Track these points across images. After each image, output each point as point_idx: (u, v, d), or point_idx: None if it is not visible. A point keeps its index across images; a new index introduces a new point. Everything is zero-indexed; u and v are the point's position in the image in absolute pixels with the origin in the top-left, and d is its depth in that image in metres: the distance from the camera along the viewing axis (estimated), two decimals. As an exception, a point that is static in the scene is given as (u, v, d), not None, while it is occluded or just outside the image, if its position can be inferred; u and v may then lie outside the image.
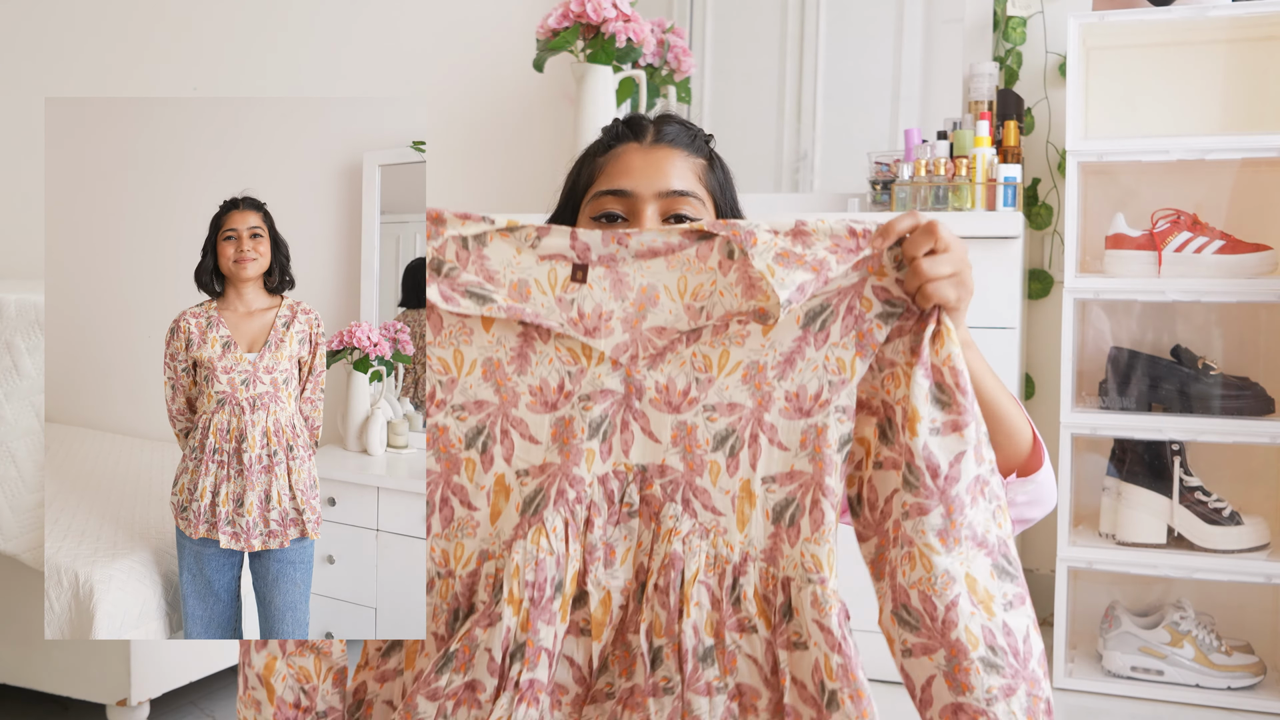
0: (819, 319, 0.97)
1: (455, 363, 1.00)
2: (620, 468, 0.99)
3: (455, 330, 1.00)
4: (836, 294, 0.97)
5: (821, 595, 0.94)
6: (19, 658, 1.89)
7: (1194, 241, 2.22)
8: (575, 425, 0.98)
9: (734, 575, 0.97)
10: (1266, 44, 2.32)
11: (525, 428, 0.99)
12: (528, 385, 0.99)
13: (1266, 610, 2.32)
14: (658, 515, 0.98)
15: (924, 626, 0.95)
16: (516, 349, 0.99)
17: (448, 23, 2.99)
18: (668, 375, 0.98)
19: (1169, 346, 2.36)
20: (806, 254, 0.95)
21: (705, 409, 0.98)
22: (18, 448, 1.78)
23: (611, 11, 2.44)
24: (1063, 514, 2.25)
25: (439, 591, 0.99)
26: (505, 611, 0.94)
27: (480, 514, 0.99)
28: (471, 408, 1.00)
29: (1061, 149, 2.48)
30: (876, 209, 2.42)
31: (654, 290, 0.98)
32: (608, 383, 0.98)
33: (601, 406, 0.98)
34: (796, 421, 0.97)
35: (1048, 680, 0.96)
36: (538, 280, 0.98)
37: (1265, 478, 2.35)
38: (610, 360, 0.98)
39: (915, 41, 2.59)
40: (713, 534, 0.98)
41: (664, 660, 0.96)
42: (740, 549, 0.97)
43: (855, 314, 0.97)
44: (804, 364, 0.97)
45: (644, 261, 0.99)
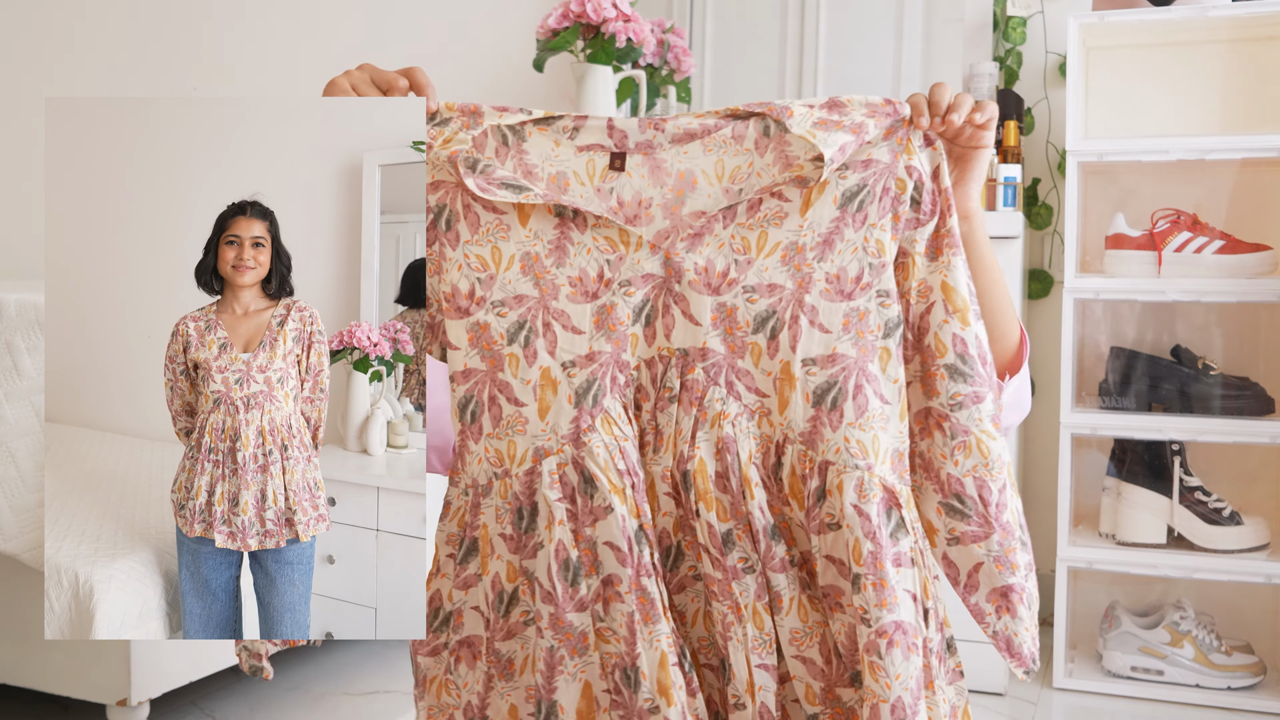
0: (856, 199, 0.97)
1: (493, 259, 0.99)
2: (664, 351, 0.99)
3: (492, 227, 0.99)
4: (872, 174, 0.97)
5: (867, 481, 0.95)
6: (19, 658, 1.89)
7: (1194, 241, 2.22)
8: (619, 311, 0.98)
9: (777, 454, 0.98)
10: (1266, 44, 2.32)
11: (567, 319, 0.98)
12: (567, 276, 0.98)
13: (1266, 610, 2.32)
14: (700, 400, 0.97)
15: (976, 514, 0.97)
16: (554, 241, 0.99)
17: (448, 23, 2.99)
18: (706, 257, 0.98)
19: (1169, 346, 2.36)
20: (844, 119, 0.95)
21: (745, 290, 0.97)
22: (18, 448, 1.78)
23: (611, 11, 2.44)
24: (1063, 514, 2.25)
25: (498, 492, 0.99)
26: (614, 501, 0.95)
27: (529, 409, 0.98)
28: (511, 303, 0.99)
29: (1061, 149, 2.49)
30: (876, 209, 2.42)
31: (691, 175, 0.98)
32: (647, 266, 0.98)
33: (643, 291, 0.98)
34: (838, 304, 0.96)
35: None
36: (576, 172, 0.99)
37: (1265, 478, 2.35)
38: (649, 244, 0.98)
39: (915, 41, 2.59)
40: (758, 415, 0.98)
41: (736, 542, 0.97)
42: (781, 430, 0.97)
43: (891, 195, 0.97)
44: (843, 245, 0.97)
45: (681, 146, 0.98)
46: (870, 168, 0.97)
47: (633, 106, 2.59)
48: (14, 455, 1.78)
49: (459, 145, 0.99)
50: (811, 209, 0.97)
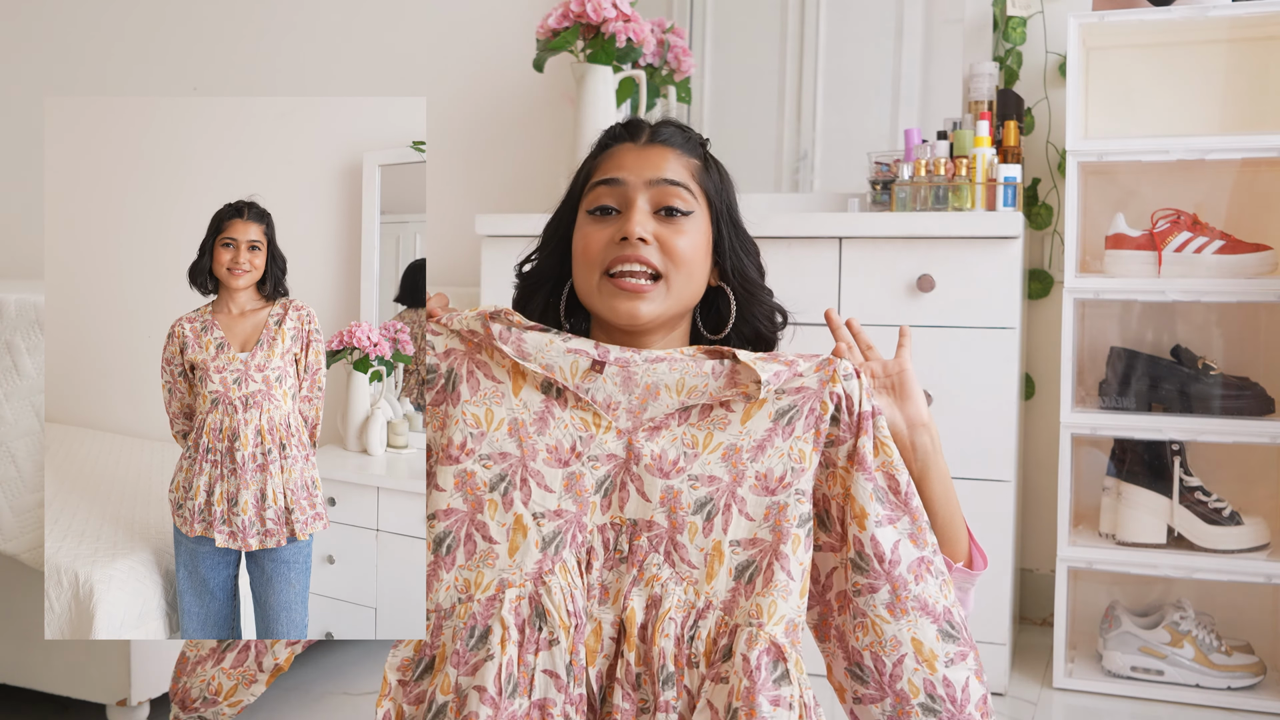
0: (787, 415, 1.17)
1: (486, 419, 1.17)
2: (616, 520, 1.16)
3: (489, 392, 1.18)
4: (802, 397, 1.17)
5: (755, 635, 1.10)
6: (19, 658, 1.89)
7: (1194, 241, 2.22)
8: (585, 480, 1.16)
9: (695, 618, 1.13)
10: (1266, 44, 2.32)
11: (542, 478, 1.16)
12: (545, 444, 1.16)
13: (1266, 610, 2.32)
14: (642, 564, 1.14)
15: (873, 680, 1.16)
16: (539, 413, 1.17)
17: (448, 23, 2.99)
18: (661, 447, 1.16)
19: (1169, 346, 2.36)
20: (781, 358, 1.18)
21: (690, 478, 1.16)
22: (18, 448, 1.78)
23: (611, 11, 2.44)
24: (1063, 514, 2.25)
25: (459, 615, 1.12)
26: (560, 635, 1.10)
27: (500, 547, 1.14)
28: (497, 458, 1.16)
29: (1061, 149, 2.48)
30: (876, 209, 2.42)
31: (656, 387, 1.17)
32: (612, 448, 1.17)
33: (606, 468, 1.16)
34: (763, 498, 1.16)
35: (987, 717, 1.17)
36: (561, 367, 1.17)
37: (1265, 478, 2.35)
38: (616, 429, 1.17)
39: (915, 41, 2.59)
40: (686, 582, 1.14)
41: (643, 685, 1.12)
42: (705, 598, 1.14)
43: (815, 415, 1.17)
44: (773, 450, 1.17)
45: (652, 365, 1.17)
46: (801, 392, 1.18)
47: (633, 106, 2.59)
48: (14, 455, 1.78)
49: (472, 322, 1.19)
50: (750, 420, 1.17)
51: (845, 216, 2.25)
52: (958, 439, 2.18)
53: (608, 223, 1.19)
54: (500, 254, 2.33)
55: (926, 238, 2.17)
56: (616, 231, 1.18)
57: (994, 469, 2.17)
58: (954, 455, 2.18)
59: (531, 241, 1.29)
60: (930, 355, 2.18)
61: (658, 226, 1.18)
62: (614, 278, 1.17)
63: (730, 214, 1.24)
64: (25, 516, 1.77)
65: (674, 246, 1.18)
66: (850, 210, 2.47)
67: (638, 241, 1.16)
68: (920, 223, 2.18)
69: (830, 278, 2.23)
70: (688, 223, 1.19)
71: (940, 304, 2.17)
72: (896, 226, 2.19)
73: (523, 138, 2.91)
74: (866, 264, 2.21)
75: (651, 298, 1.17)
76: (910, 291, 2.18)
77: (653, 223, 1.18)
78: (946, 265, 2.16)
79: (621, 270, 1.17)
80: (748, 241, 1.26)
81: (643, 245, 1.17)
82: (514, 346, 1.17)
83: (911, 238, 2.18)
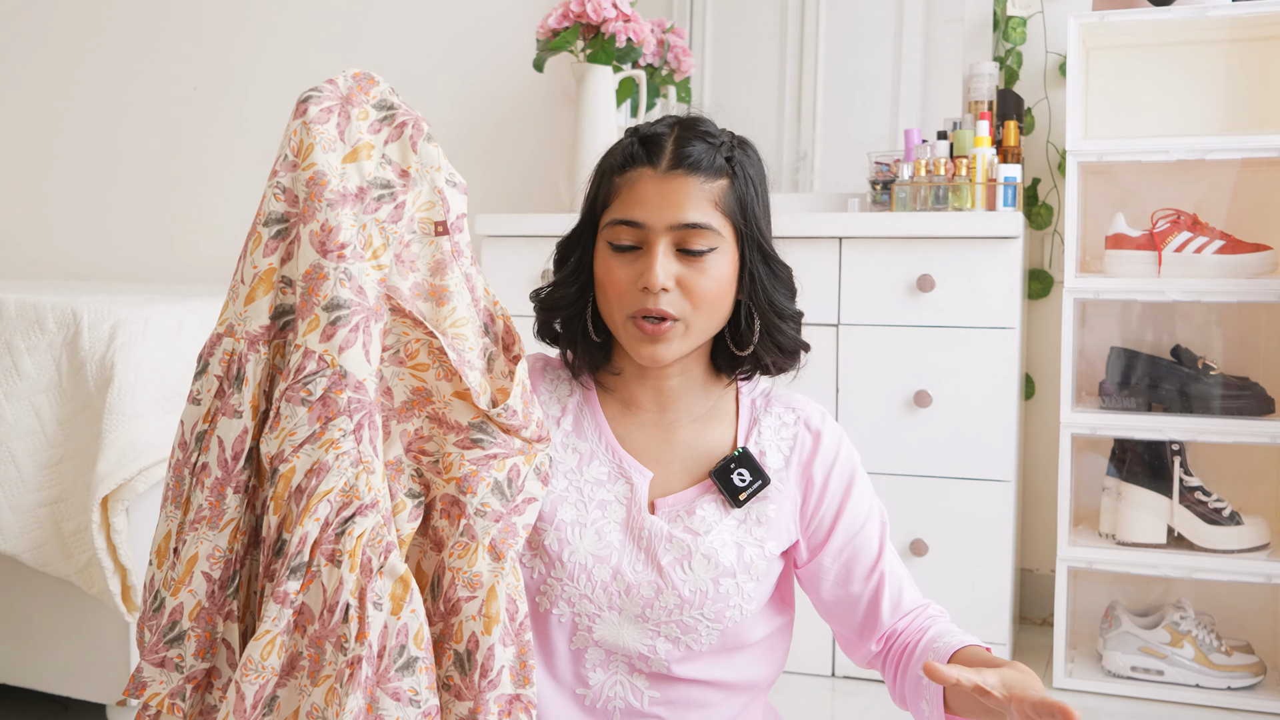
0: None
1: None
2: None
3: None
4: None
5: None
6: (19, 658, 1.89)
7: (1194, 241, 2.22)
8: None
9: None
10: (1266, 44, 2.32)
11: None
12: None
13: (1266, 610, 2.32)
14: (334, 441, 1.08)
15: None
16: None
17: (448, 23, 2.99)
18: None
19: (1169, 346, 2.36)
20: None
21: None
22: (18, 448, 1.78)
23: (611, 11, 2.44)
24: (1063, 514, 2.25)
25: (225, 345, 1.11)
26: (246, 412, 1.08)
27: (242, 289, 1.10)
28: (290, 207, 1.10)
29: (1061, 149, 2.49)
30: (877, 209, 2.42)
31: None
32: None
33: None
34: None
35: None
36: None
37: (1265, 478, 2.35)
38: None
39: (915, 41, 2.59)
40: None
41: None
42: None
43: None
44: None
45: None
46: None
47: (633, 106, 2.59)
48: (14, 455, 1.77)
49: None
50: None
51: (845, 216, 2.25)
52: (958, 439, 2.18)
53: (630, 259, 1.18)
54: (500, 254, 2.32)
55: (926, 238, 2.17)
56: (638, 275, 1.17)
57: (994, 469, 2.17)
58: (954, 455, 2.19)
59: (532, 241, 1.29)
60: (930, 355, 2.18)
61: (680, 268, 1.17)
62: (636, 318, 1.17)
63: (758, 238, 1.21)
64: (25, 516, 1.77)
65: (695, 289, 1.16)
66: (850, 210, 2.47)
67: (659, 292, 1.16)
68: (920, 223, 2.18)
69: (830, 278, 2.23)
70: (710, 260, 1.17)
71: (940, 304, 2.17)
72: (896, 226, 2.19)
73: (523, 138, 2.91)
74: (867, 264, 2.21)
75: (671, 337, 1.18)
76: (910, 291, 2.18)
77: (675, 264, 1.17)
78: (946, 265, 2.16)
79: (643, 313, 1.17)
80: (777, 265, 1.23)
81: (664, 294, 1.16)
82: None
83: (911, 238, 2.18)
